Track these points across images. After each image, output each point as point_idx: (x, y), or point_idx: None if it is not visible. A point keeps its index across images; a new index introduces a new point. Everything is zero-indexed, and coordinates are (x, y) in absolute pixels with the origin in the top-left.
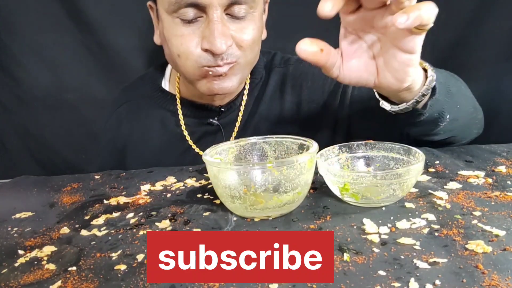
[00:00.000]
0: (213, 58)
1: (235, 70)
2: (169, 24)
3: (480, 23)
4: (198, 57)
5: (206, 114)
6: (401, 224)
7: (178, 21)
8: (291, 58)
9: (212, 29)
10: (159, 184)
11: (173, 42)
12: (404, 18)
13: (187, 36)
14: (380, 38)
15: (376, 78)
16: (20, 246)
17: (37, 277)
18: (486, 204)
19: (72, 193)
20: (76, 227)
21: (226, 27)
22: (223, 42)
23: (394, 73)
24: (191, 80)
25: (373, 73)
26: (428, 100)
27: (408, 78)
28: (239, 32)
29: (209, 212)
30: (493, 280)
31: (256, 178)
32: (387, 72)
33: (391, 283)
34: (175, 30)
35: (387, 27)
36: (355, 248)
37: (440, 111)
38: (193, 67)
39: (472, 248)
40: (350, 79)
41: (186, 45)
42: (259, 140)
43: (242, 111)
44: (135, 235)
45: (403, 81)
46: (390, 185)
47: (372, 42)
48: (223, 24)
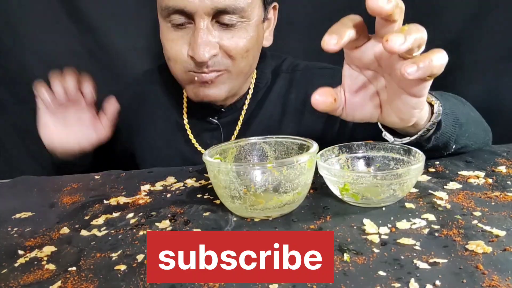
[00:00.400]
0: (198, 66)
1: (223, 79)
2: (163, 28)
3: (480, 23)
4: (185, 62)
5: (208, 112)
6: (401, 225)
7: (170, 25)
8: (300, 65)
9: (196, 37)
10: (159, 184)
11: (165, 46)
12: (414, 69)
13: (176, 41)
14: (385, 77)
15: (379, 115)
16: (20, 246)
17: (37, 277)
18: (486, 204)
19: (72, 193)
20: (76, 227)
21: (212, 35)
22: (205, 51)
23: (398, 114)
24: (181, 84)
25: (377, 110)
26: (433, 134)
27: (413, 119)
28: (227, 41)
29: (209, 212)
30: (493, 281)
31: (256, 179)
32: (391, 112)
33: (391, 284)
34: (167, 34)
35: (394, 68)
36: (355, 249)
37: (446, 141)
38: (181, 71)
39: (472, 249)
40: (354, 117)
41: (175, 50)
42: (259, 140)
43: (243, 114)
44: (135, 235)
45: (408, 121)
46: (390, 185)
47: (376, 80)
48: (209, 32)
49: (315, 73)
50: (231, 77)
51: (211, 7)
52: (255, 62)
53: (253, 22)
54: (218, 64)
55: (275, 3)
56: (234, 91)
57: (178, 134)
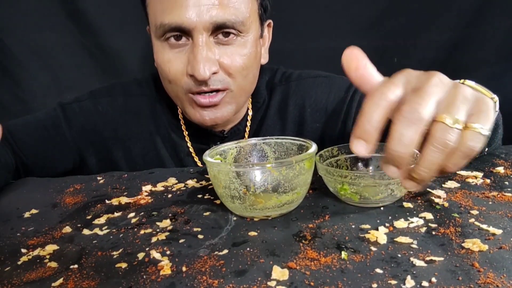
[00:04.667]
0: (198, 83)
1: (227, 99)
2: (158, 49)
3: (480, 23)
4: (184, 83)
5: (210, 139)
6: (399, 224)
7: (166, 45)
8: (293, 74)
9: (195, 54)
10: (160, 185)
11: (163, 68)
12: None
13: (174, 61)
14: None
15: None
16: (23, 245)
17: (39, 275)
18: (484, 203)
19: (75, 193)
20: (78, 226)
21: (212, 52)
22: (206, 67)
23: None
24: (183, 107)
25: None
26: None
27: None
28: (226, 58)
29: (209, 212)
30: (488, 278)
31: (255, 179)
32: None
33: (388, 281)
34: (164, 55)
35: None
36: (353, 247)
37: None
38: (182, 93)
39: (468, 247)
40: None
41: (174, 71)
42: (259, 141)
43: (246, 137)
44: (136, 234)
45: None
46: (388, 185)
47: None
48: (208, 49)
49: (309, 82)
50: (235, 96)
51: (210, 22)
52: (255, 79)
53: (251, 37)
54: (218, 83)
55: (270, 20)
56: (239, 109)
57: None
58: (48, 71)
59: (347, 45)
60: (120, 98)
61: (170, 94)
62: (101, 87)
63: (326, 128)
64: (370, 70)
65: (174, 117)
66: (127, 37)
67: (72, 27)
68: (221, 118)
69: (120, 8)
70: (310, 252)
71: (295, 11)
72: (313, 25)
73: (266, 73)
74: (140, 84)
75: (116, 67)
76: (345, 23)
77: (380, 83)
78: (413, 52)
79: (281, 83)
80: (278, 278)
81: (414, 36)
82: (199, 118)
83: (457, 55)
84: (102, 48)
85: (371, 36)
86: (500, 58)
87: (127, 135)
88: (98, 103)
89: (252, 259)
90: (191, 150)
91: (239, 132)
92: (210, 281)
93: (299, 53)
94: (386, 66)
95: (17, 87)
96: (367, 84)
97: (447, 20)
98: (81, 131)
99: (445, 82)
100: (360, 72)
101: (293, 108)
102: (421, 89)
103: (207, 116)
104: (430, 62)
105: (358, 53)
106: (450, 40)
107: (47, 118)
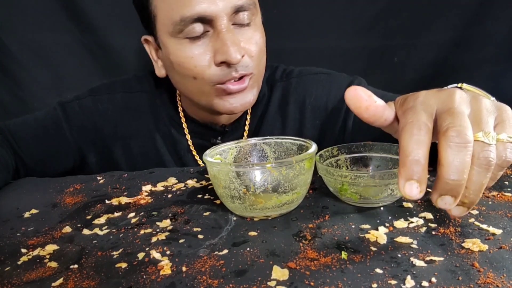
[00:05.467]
0: (228, 71)
1: (252, 82)
2: (176, 48)
3: (480, 23)
4: (213, 75)
5: (210, 134)
6: (398, 223)
7: (186, 41)
8: (293, 71)
9: (224, 40)
10: (160, 185)
11: (186, 66)
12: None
13: (198, 55)
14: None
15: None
16: (23, 245)
17: (39, 274)
18: (484, 203)
19: (75, 193)
20: (78, 226)
21: (235, 36)
22: (237, 51)
23: None
24: (209, 102)
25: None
26: None
27: None
28: (247, 43)
29: (209, 212)
30: (488, 278)
31: (255, 179)
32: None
33: (388, 281)
34: (185, 52)
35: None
36: (353, 247)
37: None
38: (209, 86)
39: (468, 247)
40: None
41: (200, 65)
42: (259, 141)
43: (247, 131)
44: (136, 234)
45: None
46: (388, 185)
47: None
48: (233, 33)
49: (310, 79)
50: (257, 80)
51: (230, 6)
52: (265, 65)
53: (259, 20)
54: (245, 68)
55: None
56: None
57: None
58: (48, 71)
59: (347, 45)
60: (119, 94)
61: (190, 93)
62: (101, 84)
63: (327, 126)
64: (379, 105)
65: (174, 112)
66: (127, 36)
67: (72, 26)
68: (249, 103)
69: (120, 7)
70: (310, 252)
71: (295, 11)
72: (313, 24)
73: (267, 69)
74: (140, 80)
75: (116, 66)
76: (345, 23)
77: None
78: (413, 52)
79: (282, 79)
80: (278, 278)
81: (414, 36)
82: (229, 107)
83: (457, 55)
84: (102, 47)
85: (371, 36)
86: (500, 58)
87: (127, 133)
88: (98, 101)
89: (252, 259)
90: (191, 148)
91: (239, 127)
92: (210, 281)
93: (299, 52)
94: (386, 66)
95: (17, 87)
96: (381, 118)
97: (447, 20)
98: (81, 130)
99: (465, 97)
100: (372, 110)
101: (294, 105)
102: (452, 110)
103: (237, 102)
104: (430, 62)
105: (361, 92)
106: (451, 40)
107: (47, 117)
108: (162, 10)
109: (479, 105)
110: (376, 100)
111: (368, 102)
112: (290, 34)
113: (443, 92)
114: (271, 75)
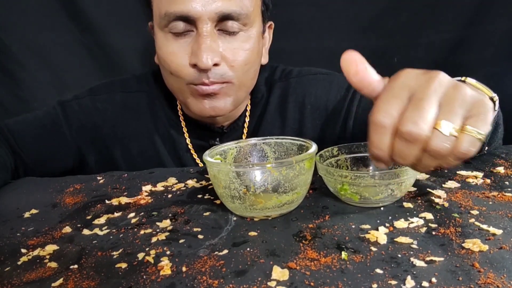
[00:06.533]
0: (199, 75)
1: (227, 90)
2: (161, 41)
3: (480, 23)
4: (187, 75)
5: (209, 134)
6: (399, 224)
7: (170, 36)
8: (293, 71)
9: (199, 43)
10: (160, 185)
11: (165, 60)
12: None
13: (177, 52)
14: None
15: None
16: (23, 245)
17: (39, 275)
18: (484, 203)
19: (75, 193)
20: (78, 226)
21: (216, 43)
22: (209, 57)
23: None
24: (184, 100)
25: None
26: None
27: None
28: (229, 52)
29: (209, 212)
30: (488, 278)
31: (255, 179)
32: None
33: (388, 281)
34: (167, 46)
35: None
36: (353, 247)
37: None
38: (183, 85)
39: (468, 247)
40: None
41: (176, 62)
42: (259, 141)
43: (246, 133)
44: (136, 234)
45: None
46: (388, 185)
47: None
48: (213, 40)
49: (310, 79)
50: (235, 90)
51: (216, 12)
52: (255, 76)
53: (254, 32)
54: (220, 76)
55: (271, 22)
56: (239, 104)
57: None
58: (48, 70)
59: (347, 45)
60: (118, 94)
61: (171, 87)
62: (100, 83)
63: (327, 126)
64: (370, 73)
65: (173, 113)
66: (127, 36)
67: (71, 26)
68: (220, 109)
69: (120, 7)
70: (310, 252)
71: (295, 11)
72: (313, 25)
73: (266, 70)
74: (139, 80)
75: (116, 65)
76: (345, 23)
77: (381, 92)
78: (413, 52)
79: (281, 79)
80: (278, 278)
81: (414, 36)
82: (200, 107)
83: (457, 55)
84: (102, 47)
85: (371, 36)
86: (500, 58)
87: (126, 132)
88: (97, 100)
89: (252, 259)
90: (190, 147)
91: (238, 128)
92: (210, 281)
93: (299, 53)
94: (386, 66)
95: (17, 87)
96: (368, 87)
97: (447, 20)
98: (80, 129)
99: (444, 84)
100: (360, 76)
101: (293, 105)
102: (420, 100)
103: (207, 104)
104: (430, 62)
105: (356, 56)
106: (450, 40)
107: (47, 117)
108: (155, 2)
109: (455, 94)
110: (367, 68)
111: (359, 67)
112: (290, 34)
113: (425, 75)
114: (270, 75)
